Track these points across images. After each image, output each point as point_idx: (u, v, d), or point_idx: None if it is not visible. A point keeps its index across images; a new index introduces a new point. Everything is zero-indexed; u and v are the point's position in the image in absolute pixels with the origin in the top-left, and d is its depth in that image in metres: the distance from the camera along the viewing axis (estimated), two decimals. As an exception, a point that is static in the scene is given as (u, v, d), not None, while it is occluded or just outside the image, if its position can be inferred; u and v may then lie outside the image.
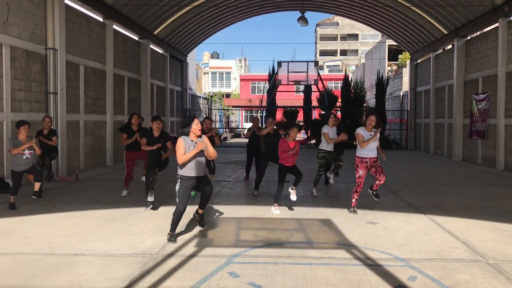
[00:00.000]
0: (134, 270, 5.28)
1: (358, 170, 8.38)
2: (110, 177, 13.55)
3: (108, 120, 17.10)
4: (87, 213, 8.34)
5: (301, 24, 22.74)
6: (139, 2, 17.73)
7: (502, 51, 16.23)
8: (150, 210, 8.62)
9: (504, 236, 6.89)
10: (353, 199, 8.55)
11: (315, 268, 5.39)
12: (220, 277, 5.07)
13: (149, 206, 8.69)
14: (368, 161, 8.29)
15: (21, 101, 11.94)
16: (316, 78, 26.04)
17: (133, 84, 19.95)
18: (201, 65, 59.23)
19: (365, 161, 8.30)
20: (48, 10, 12.95)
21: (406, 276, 5.15)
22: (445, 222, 7.75)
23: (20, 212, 8.45)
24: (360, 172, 8.37)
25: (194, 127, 6.43)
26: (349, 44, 73.36)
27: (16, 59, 11.72)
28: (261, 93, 43.81)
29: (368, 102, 36.16)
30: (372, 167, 8.33)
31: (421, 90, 26.27)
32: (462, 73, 20.15)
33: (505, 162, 16.10)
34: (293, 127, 8.63)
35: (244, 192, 10.88)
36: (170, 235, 6.55)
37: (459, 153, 20.24)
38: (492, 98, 17.20)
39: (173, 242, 6.42)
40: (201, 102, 37.50)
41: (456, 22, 19.97)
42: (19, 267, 5.38)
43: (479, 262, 5.69)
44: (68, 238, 6.62)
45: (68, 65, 14.00)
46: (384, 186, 11.71)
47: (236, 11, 24.69)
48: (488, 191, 11.45)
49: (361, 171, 8.36)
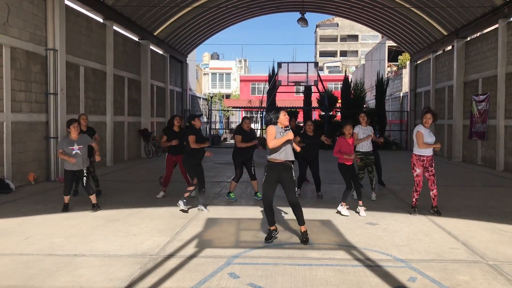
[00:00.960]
0: (134, 271, 5.28)
1: (415, 169, 8.35)
2: (110, 177, 13.55)
3: (108, 120, 17.11)
4: (88, 214, 8.35)
5: (301, 25, 22.74)
6: (139, 3, 17.76)
7: (502, 52, 16.25)
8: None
9: (504, 237, 6.89)
10: (413, 198, 8.54)
11: (315, 269, 5.40)
12: (220, 278, 5.08)
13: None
14: (425, 159, 8.27)
15: (21, 101, 11.95)
16: (316, 79, 26.07)
17: (133, 85, 19.97)
18: (201, 66, 59.23)
19: (422, 159, 8.28)
20: (48, 11, 12.96)
21: (406, 277, 5.16)
22: (445, 223, 7.76)
23: (21, 212, 8.45)
24: (417, 170, 8.34)
25: (282, 117, 6.54)
26: (349, 45, 73.41)
27: (16, 60, 11.73)
28: (261, 94, 43.88)
29: (368, 103, 36.19)
30: (427, 170, 8.29)
31: (421, 91, 26.29)
32: (462, 74, 20.17)
33: (505, 163, 16.11)
34: (347, 124, 8.61)
35: (244, 193, 10.88)
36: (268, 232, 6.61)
37: (459, 154, 20.25)
38: (492, 99, 17.22)
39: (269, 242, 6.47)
40: (201, 103, 37.52)
41: (456, 23, 19.99)
42: (19, 267, 5.39)
43: (479, 263, 5.69)
44: (69, 239, 6.63)
45: (68, 65, 14.01)
46: (385, 187, 11.74)
47: (236, 12, 24.72)
48: (488, 192, 11.45)
49: (418, 170, 8.33)
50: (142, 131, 20.76)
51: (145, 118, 21.20)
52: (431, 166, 8.30)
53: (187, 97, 29.68)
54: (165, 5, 19.36)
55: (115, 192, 10.68)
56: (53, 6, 12.99)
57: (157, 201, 9.64)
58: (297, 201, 6.56)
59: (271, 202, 6.55)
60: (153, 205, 9.18)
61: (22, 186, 11.54)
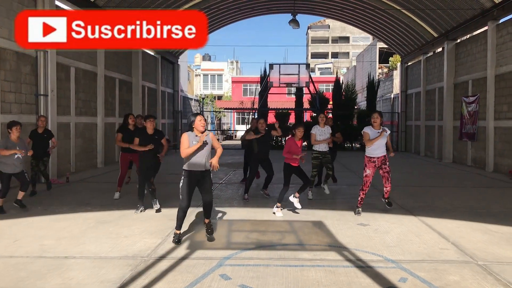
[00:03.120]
0: (125, 273, 5.26)
1: (366, 169, 8.43)
2: (101, 179, 13.48)
3: (99, 122, 17.03)
4: (78, 216, 8.30)
5: (293, 27, 22.81)
6: (131, 4, 17.70)
7: (491, 54, 16.39)
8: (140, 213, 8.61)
9: (493, 238, 6.95)
10: (359, 197, 8.61)
11: (307, 270, 5.41)
12: (211, 280, 5.07)
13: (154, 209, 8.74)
14: (376, 160, 8.34)
15: (11, 103, 11.86)
16: (307, 80, 26.13)
17: (124, 86, 19.88)
18: (192, 67, 59.15)
19: (373, 160, 8.34)
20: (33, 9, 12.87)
21: (396, 277, 5.19)
22: (436, 224, 7.81)
23: (11, 214, 8.38)
24: (367, 171, 8.41)
25: (197, 122, 6.48)
26: (340, 47, 73.68)
27: (6, 61, 11.64)
28: (253, 95, 43.87)
29: (359, 105, 36.34)
30: (380, 168, 8.40)
31: (412, 93, 26.44)
32: (452, 75, 20.32)
33: (494, 164, 16.24)
34: (299, 126, 8.59)
35: (235, 194, 10.88)
36: (174, 235, 6.59)
37: (450, 155, 20.39)
38: (481, 101, 17.35)
39: (177, 243, 6.43)
40: (192, 104, 37.44)
41: (446, 25, 20.15)
42: (9, 270, 5.35)
43: (469, 263, 5.73)
44: (59, 241, 6.58)
45: (59, 66, 13.92)
46: (375, 188, 11.78)
47: (228, 13, 24.71)
48: (478, 192, 11.54)
49: (368, 170, 8.41)
50: (133, 133, 20.64)
51: (136, 119, 21.08)
52: (385, 164, 8.41)
53: (178, 98, 29.60)
54: (156, 6, 19.32)
55: (106, 193, 10.62)
56: (43, 7, 12.89)
57: (149, 203, 9.60)
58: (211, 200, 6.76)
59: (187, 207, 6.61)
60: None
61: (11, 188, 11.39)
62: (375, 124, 8.41)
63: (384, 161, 8.39)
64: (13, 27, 11.80)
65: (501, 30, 16.03)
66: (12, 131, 8.58)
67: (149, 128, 8.70)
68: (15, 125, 8.63)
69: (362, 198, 8.60)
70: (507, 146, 15.41)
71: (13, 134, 8.58)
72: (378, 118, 8.40)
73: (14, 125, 8.62)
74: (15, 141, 8.57)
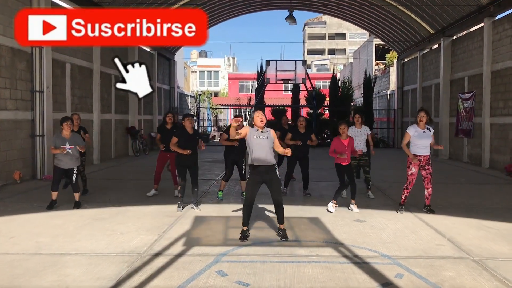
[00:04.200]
0: (122, 269, 5.25)
1: (411, 167, 8.34)
2: (97, 175, 13.44)
3: (95, 118, 16.97)
4: (74, 212, 8.28)
5: (289, 23, 22.77)
6: (126, 0, 17.62)
7: (487, 50, 16.42)
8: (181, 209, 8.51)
9: (489, 234, 6.98)
10: (402, 196, 8.56)
11: (303, 266, 5.41)
12: (208, 276, 5.07)
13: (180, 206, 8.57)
14: (422, 158, 8.27)
15: (6, 99, 11.80)
16: (304, 77, 26.09)
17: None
18: (189, 64, 58.97)
19: (419, 158, 8.25)
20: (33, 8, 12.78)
21: (393, 273, 5.20)
22: (432, 220, 7.83)
23: (6, 211, 8.35)
24: (412, 169, 8.33)
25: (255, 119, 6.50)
26: (337, 43, 73.62)
27: (1, 57, 11.57)
28: (249, 91, 43.81)
29: (355, 101, 36.36)
30: (423, 168, 8.28)
31: (408, 89, 26.47)
32: (449, 72, 20.35)
33: (490, 160, 16.29)
34: (342, 123, 8.52)
35: (232, 191, 10.86)
36: (241, 232, 6.57)
37: (446, 152, 20.43)
38: (477, 97, 17.39)
39: (242, 240, 6.42)
40: (189, 100, 37.38)
41: (442, 22, 20.16)
42: (4, 267, 5.32)
43: (465, 259, 5.75)
44: (55, 238, 6.56)
45: (55, 63, 13.86)
46: (372, 185, 11.78)
47: (224, 9, 24.65)
48: (474, 189, 11.58)
49: (413, 169, 8.32)
50: (130, 129, 20.62)
51: (132, 115, 21.07)
52: (428, 164, 8.30)
53: (175, 95, 29.55)
54: (153, 2, 19.24)
55: (102, 190, 10.60)
56: (39, 3, 12.79)
57: (145, 200, 9.59)
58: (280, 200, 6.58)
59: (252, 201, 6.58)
60: (140, 204, 9.13)
61: (7, 185, 11.39)
62: (421, 123, 8.19)
63: (428, 162, 8.28)
64: (7, 23, 11.74)
65: (497, 27, 16.05)
66: (64, 127, 8.46)
67: (188, 127, 8.53)
68: (66, 120, 8.51)
69: (406, 197, 8.54)
70: (503, 143, 15.45)
71: (64, 130, 8.47)
72: (425, 117, 8.14)
73: (65, 121, 8.49)
74: (67, 137, 8.46)
